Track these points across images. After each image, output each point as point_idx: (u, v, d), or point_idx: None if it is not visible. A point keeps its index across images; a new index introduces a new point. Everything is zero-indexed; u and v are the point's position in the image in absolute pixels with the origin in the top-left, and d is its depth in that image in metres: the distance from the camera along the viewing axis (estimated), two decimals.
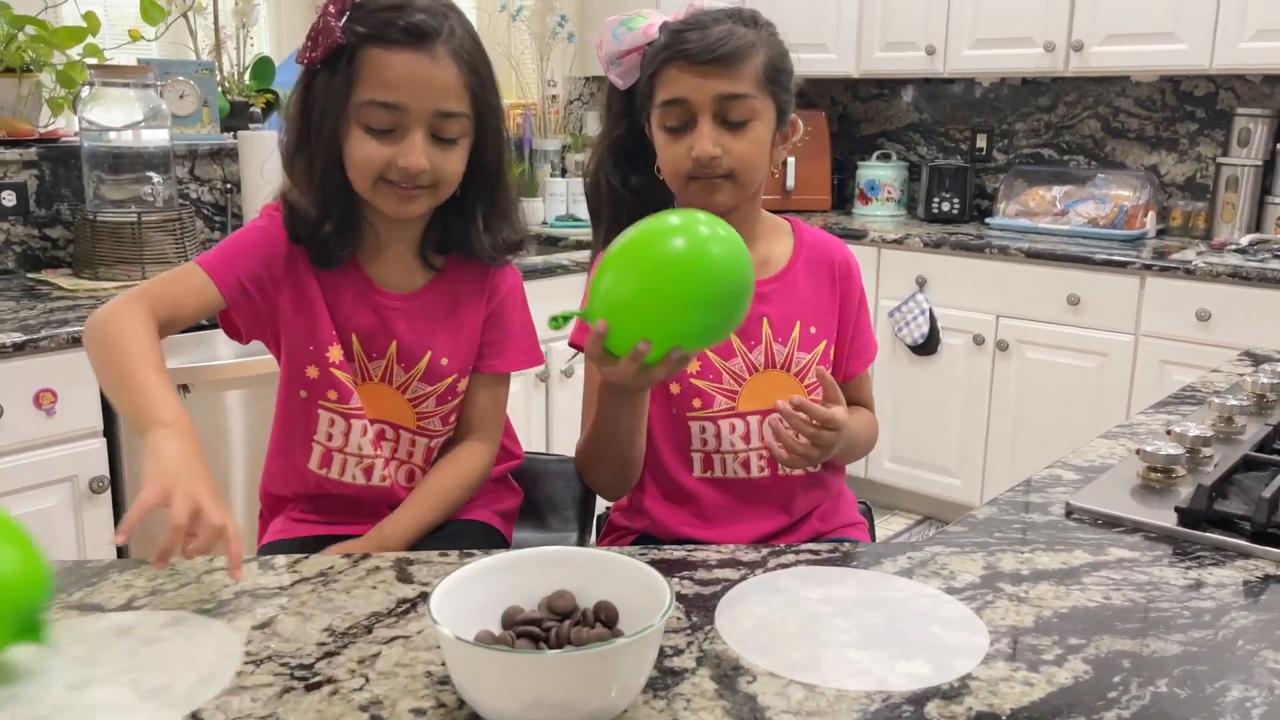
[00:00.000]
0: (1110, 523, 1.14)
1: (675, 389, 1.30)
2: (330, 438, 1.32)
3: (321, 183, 1.21)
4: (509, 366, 1.35)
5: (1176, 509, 1.12)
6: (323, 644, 0.87)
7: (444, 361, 1.30)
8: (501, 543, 1.40)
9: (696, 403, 1.30)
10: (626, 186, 1.35)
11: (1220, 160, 3.21)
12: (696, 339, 1.02)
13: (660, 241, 0.98)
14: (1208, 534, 1.08)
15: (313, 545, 1.33)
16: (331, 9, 1.15)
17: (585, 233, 3.27)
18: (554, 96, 3.56)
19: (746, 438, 1.31)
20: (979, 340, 3.18)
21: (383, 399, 1.30)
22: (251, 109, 2.85)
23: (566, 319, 1.01)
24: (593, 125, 3.67)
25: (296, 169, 1.23)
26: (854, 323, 1.38)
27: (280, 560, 1.03)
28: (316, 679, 0.82)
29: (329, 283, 1.28)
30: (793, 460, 1.19)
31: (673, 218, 1.01)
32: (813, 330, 1.33)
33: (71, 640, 0.87)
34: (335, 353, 1.29)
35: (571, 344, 1.34)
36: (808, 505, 1.37)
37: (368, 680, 0.81)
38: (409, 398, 1.31)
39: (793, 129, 1.30)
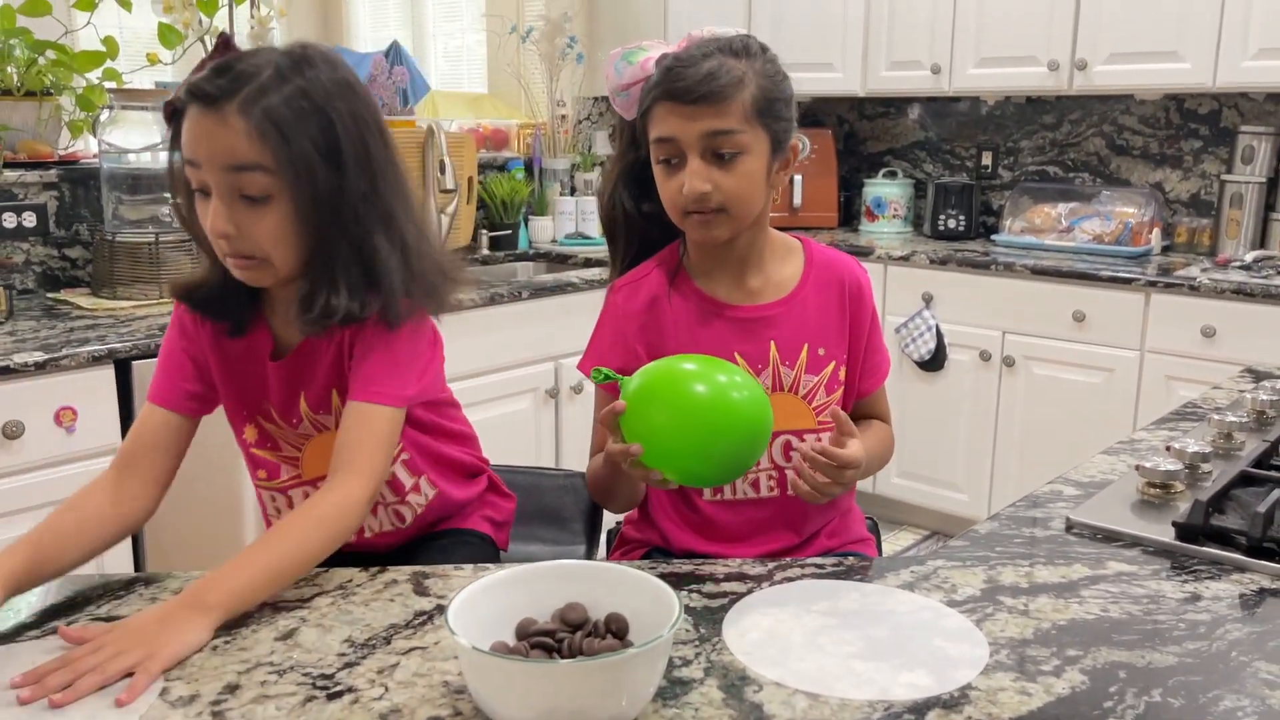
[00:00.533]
0: (1109, 537, 1.16)
1: None
2: (280, 513, 1.33)
3: (205, 247, 1.20)
4: (352, 396, 1.18)
5: (1174, 524, 1.14)
6: (343, 654, 0.90)
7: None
8: (494, 550, 1.42)
9: None
10: (640, 212, 1.37)
11: (1224, 177, 3.24)
12: (696, 478, 1.12)
13: (688, 388, 1.05)
14: (1204, 548, 1.11)
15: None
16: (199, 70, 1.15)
17: (593, 251, 3.31)
18: (563, 116, 3.61)
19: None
20: (985, 356, 3.21)
21: (325, 450, 1.24)
22: None
23: (609, 377, 1.08)
24: (601, 144, 3.72)
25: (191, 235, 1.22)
26: (866, 341, 1.39)
27: None
28: (338, 688, 0.85)
29: (235, 360, 1.26)
30: (814, 496, 1.19)
31: (697, 373, 1.07)
32: (821, 352, 1.34)
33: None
34: (250, 433, 1.30)
35: (580, 368, 1.36)
36: (817, 524, 1.40)
37: (387, 689, 0.84)
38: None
39: (793, 154, 1.31)
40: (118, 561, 2.03)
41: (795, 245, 1.39)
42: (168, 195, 2.43)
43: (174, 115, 1.14)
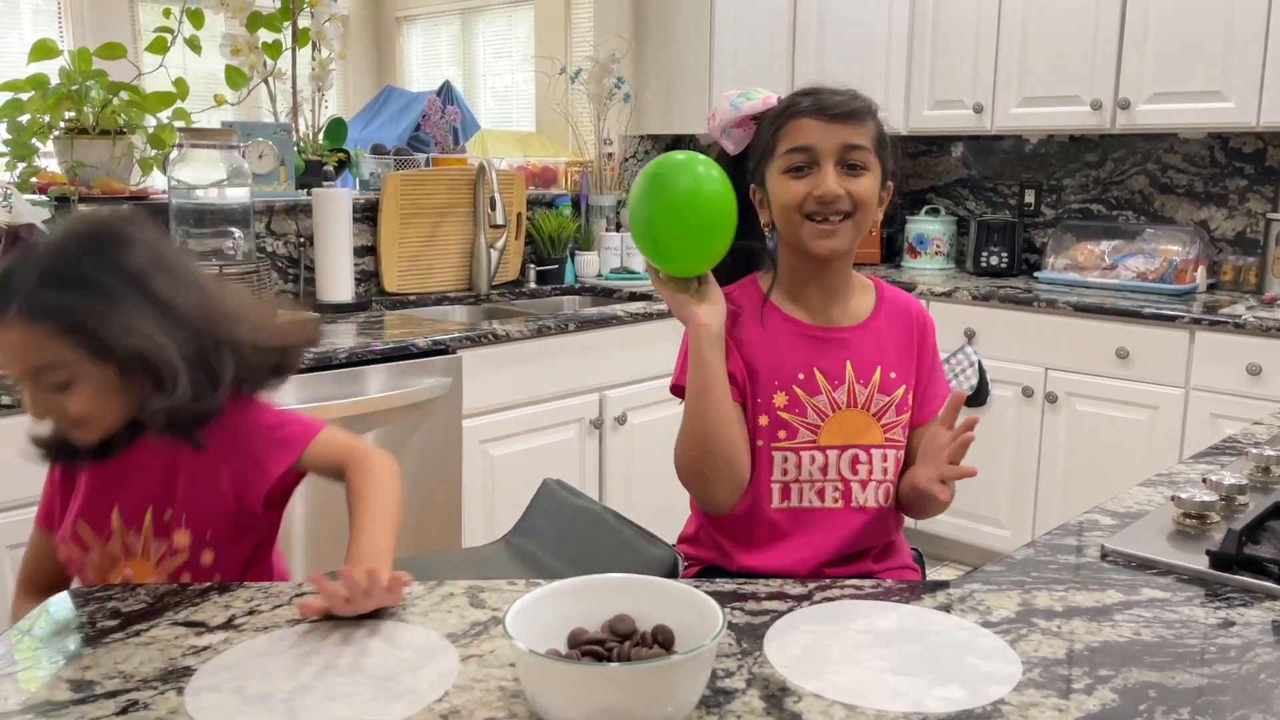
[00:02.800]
0: (1144, 565, 1.19)
1: (764, 420, 1.41)
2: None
3: None
4: (288, 463, 1.25)
5: (1208, 552, 1.17)
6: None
7: (166, 516, 1.25)
8: None
9: (782, 434, 1.41)
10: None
11: (1270, 216, 3.24)
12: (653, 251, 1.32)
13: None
14: (1237, 576, 1.13)
15: None
16: None
17: (637, 285, 3.38)
18: (610, 154, 3.69)
19: (824, 470, 1.41)
20: (1028, 392, 3.22)
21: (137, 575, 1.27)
22: (325, 167, 3.01)
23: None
24: None
25: None
26: (928, 372, 1.49)
27: None
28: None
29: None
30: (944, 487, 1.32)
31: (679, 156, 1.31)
32: (893, 375, 1.44)
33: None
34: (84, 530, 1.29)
35: (672, 389, 1.43)
36: (868, 541, 1.45)
37: (446, 693, 0.90)
38: (152, 561, 1.26)
39: (888, 193, 1.45)
40: None
41: (868, 283, 1.51)
42: (232, 229, 2.54)
43: None
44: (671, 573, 1.45)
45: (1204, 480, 1.39)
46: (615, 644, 0.90)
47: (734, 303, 1.42)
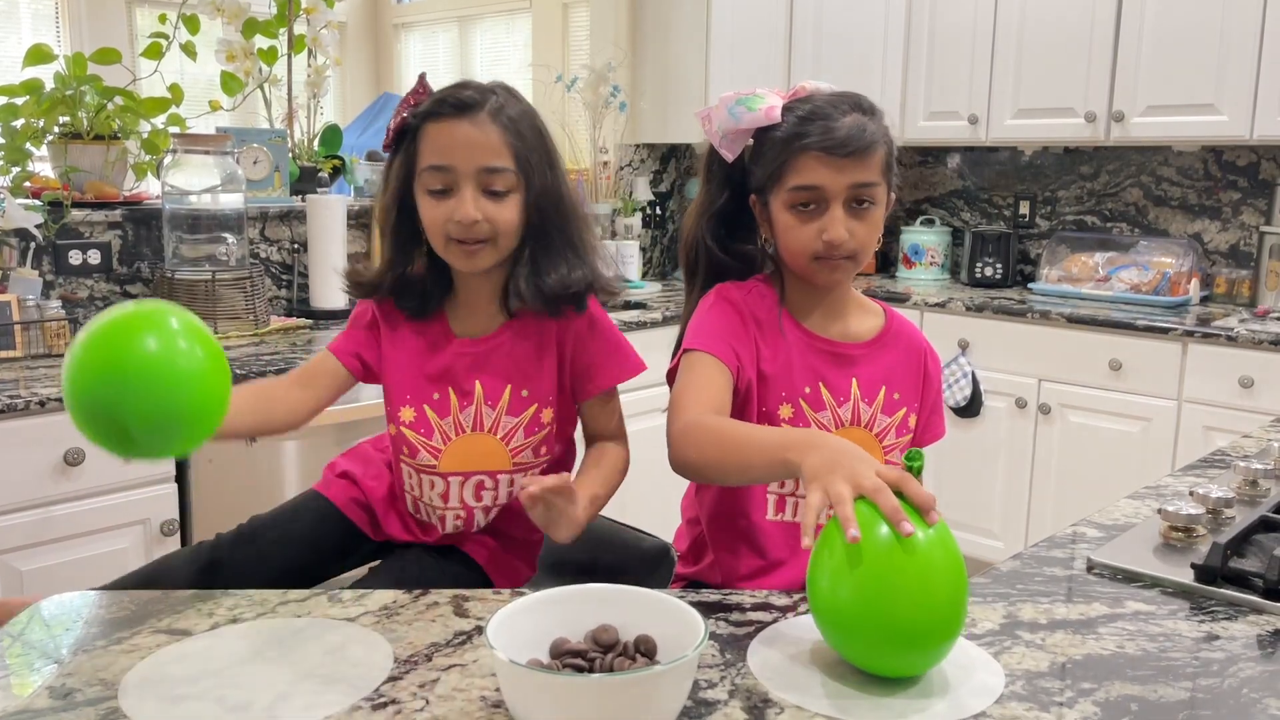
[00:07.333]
0: (1129, 578, 1.19)
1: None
2: (413, 488, 1.48)
3: (407, 246, 1.41)
4: (608, 383, 1.47)
5: (1193, 565, 1.17)
6: (387, 669, 0.95)
7: (524, 393, 1.42)
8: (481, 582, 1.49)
9: None
10: (727, 251, 1.44)
11: (1264, 229, 3.24)
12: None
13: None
14: (1222, 590, 1.13)
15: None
16: (410, 102, 1.34)
17: (632, 293, 3.38)
18: (605, 163, 3.70)
19: None
20: (1021, 403, 3.22)
21: (477, 450, 1.42)
22: (320, 174, 3.01)
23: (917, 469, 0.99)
24: (642, 190, 3.80)
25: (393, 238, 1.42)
26: (930, 407, 1.46)
27: (348, 595, 1.12)
28: (382, 700, 0.90)
29: (414, 350, 1.43)
30: None
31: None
32: (896, 396, 1.41)
33: (165, 659, 0.97)
34: (407, 414, 1.42)
35: (693, 343, 1.36)
36: None
37: (428, 702, 0.90)
38: (500, 436, 1.42)
39: (891, 202, 1.39)
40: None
41: (876, 308, 1.48)
42: (226, 235, 2.54)
43: (402, 134, 1.35)
44: (663, 560, 1.45)
45: (1191, 493, 1.39)
46: (597, 654, 0.90)
47: (754, 305, 1.38)
